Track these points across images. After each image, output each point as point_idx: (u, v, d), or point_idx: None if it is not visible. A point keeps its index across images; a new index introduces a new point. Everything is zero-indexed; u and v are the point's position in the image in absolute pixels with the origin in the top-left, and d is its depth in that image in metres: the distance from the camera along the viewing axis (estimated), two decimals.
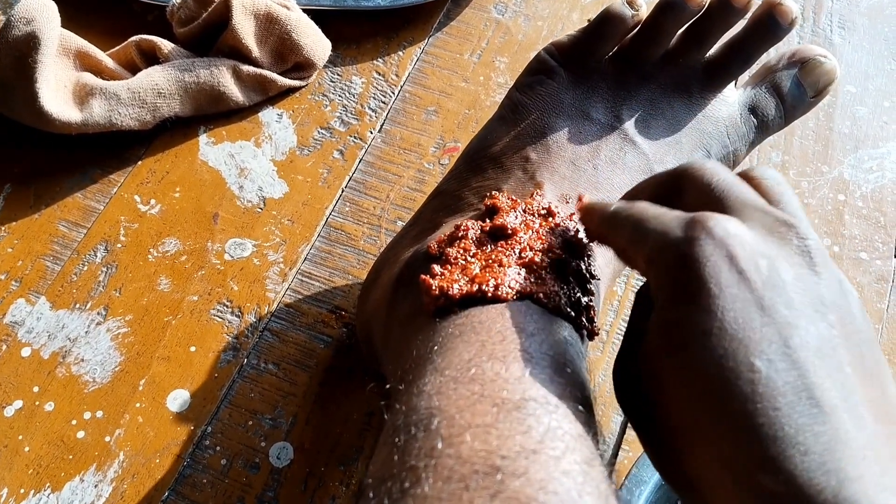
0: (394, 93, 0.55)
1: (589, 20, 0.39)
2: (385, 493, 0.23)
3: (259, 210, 0.49)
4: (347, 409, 0.43)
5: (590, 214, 0.30)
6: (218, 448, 0.42)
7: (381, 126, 0.53)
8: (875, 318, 0.45)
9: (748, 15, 0.37)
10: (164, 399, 0.43)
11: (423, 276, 0.33)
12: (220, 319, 0.46)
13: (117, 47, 0.52)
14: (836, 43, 0.57)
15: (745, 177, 0.28)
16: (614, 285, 0.47)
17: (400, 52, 0.56)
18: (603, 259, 0.35)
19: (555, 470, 0.22)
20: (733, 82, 0.39)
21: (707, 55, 0.38)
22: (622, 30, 0.37)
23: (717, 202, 0.26)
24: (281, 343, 0.45)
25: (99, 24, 0.56)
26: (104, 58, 0.51)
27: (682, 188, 0.28)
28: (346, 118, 0.53)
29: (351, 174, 0.51)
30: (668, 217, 0.25)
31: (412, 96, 0.55)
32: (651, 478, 0.35)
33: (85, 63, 0.51)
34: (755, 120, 0.38)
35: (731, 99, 0.39)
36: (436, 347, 0.29)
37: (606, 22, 0.37)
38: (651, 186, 0.29)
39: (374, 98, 0.54)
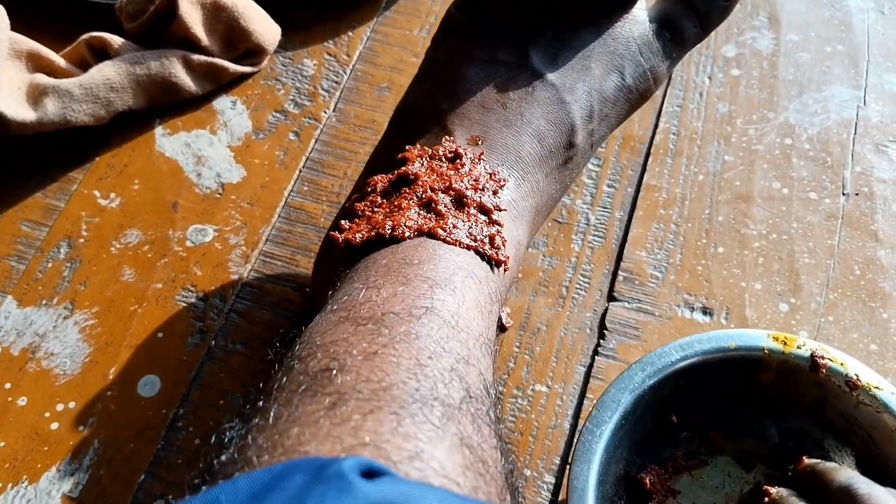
0: (346, 72, 0.55)
1: None
2: (248, 412, 0.25)
3: (218, 196, 0.50)
4: None
5: None
6: (191, 429, 0.43)
7: (335, 106, 0.54)
8: (826, 253, 0.46)
9: None
10: (134, 386, 0.44)
11: (331, 233, 0.34)
12: (185, 304, 0.46)
13: (69, 48, 0.53)
14: None
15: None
16: (571, 243, 0.47)
17: (350, 33, 0.57)
18: (518, 192, 0.36)
19: (386, 364, 0.24)
20: (642, 1, 0.39)
21: None
22: None
23: None
24: (247, 323, 0.46)
25: (49, 26, 0.57)
26: (56, 58, 0.51)
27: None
28: (300, 100, 0.54)
29: (307, 154, 0.52)
30: None
31: (364, 74, 0.55)
32: (612, 418, 0.36)
33: (37, 64, 0.51)
34: (668, 34, 0.39)
35: (641, 17, 0.39)
36: (331, 293, 0.31)
37: None
38: None
39: (327, 79, 0.55)
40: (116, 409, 0.43)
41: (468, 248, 0.33)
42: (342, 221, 0.35)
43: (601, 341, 0.44)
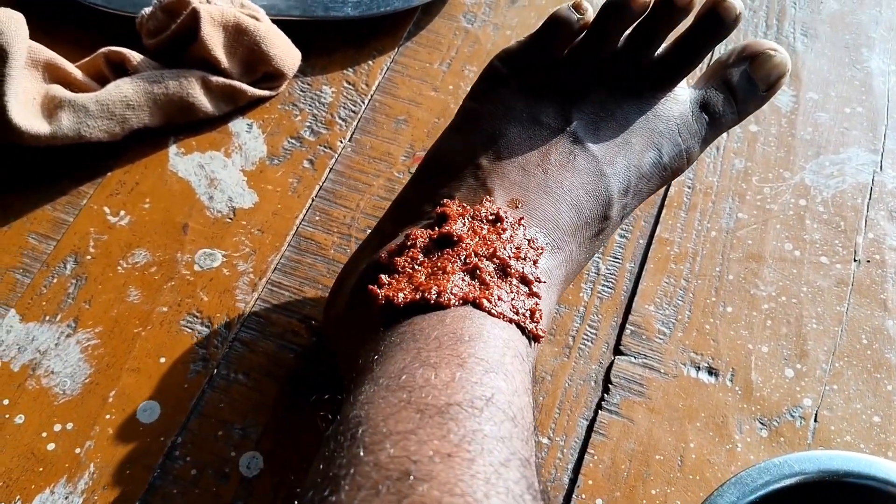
0: (364, 102, 0.55)
1: None
2: (307, 503, 0.23)
3: (229, 220, 0.50)
4: (317, 417, 0.44)
5: None
6: (188, 458, 0.42)
7: (352, 135, 0.54)
8: (835, 321, 0.46)
9: (693, 13, 0.37)
10: (134, 410, 0.44)
11: (370, 287, 0.34)
12: (189, 330, 0.46)
13: (86, 59, 0.52)
14: (800, 50, 0.58)
15: None
16: (580, 291, 0.47)
17: (370, 62, 0.57)
18: (553, 261, 0.36)
19: (465, 472, 0.23)
20: (685, 80, 0.39)
21: (655, 54, 0.39)
22: (569, 34, 0.38)
23: None
24: (251, 353, 0.46)
25: (68, 36, 0.57)
26: (73, 69, 0.51)
27: None
28: (316, 128, 0.54)
29: (321, 183, 0.52)
30: None
31: (382, 105, 0.55)
32: None
33: (54, 75, 0.51)
34: (707, 117, 0.39)
35: (683, 97, 0.39)
36: (376, 357, 0.30)
37: (553, 27, 0.38)
38: None
39: (344, 107, 0.55)
40: (114, 434, 0.43)
41: (510, 321, 0.32)
42: (381, 276, 0.34)
43: (605, 395, 0.44)
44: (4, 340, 0.45)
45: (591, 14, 0.37)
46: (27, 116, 0.48)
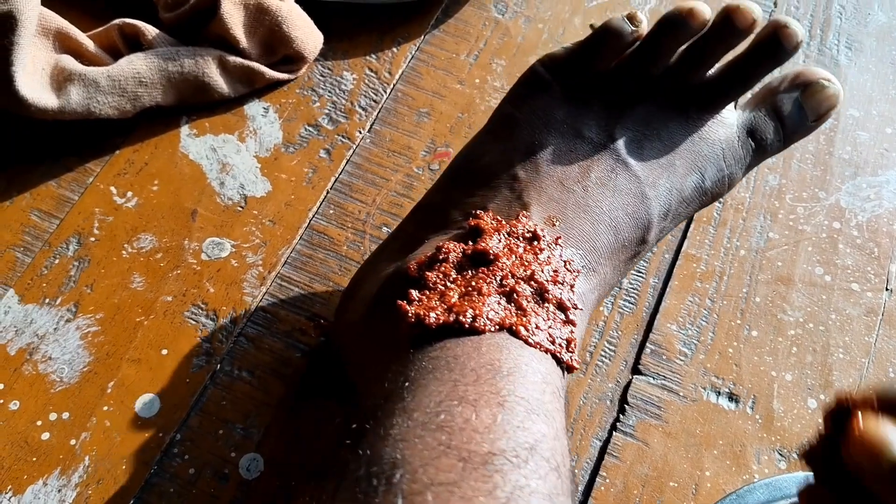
0: (386, 91, 0.53)
1: (592, 26, 0.37)
2: None
3: (240, 209, 0.48)
4: (322, 423, 0.42)
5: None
6: (186, 456, 0.41)
7: (371, 126, 0.52)
8: (862, 351, 0.45)
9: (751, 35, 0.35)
10: (132, 403, 0.42)
11: (399, 302, 0.32)
12: (194, 322, 0.44)
13: (99, 29, 0.50)
14: (843, 64, 0.55)
15: None
16: (601, 306, 0.45)
17: (394, 49, 0.55)
18: (587, 285, 0.34)
19: None
20: (732, 103, 0.38)
21: (706, 75, 0.37)
22: (621, 45, 0.36)
23: None
24: (256, 350, 0.44)
25: (81, 4, 0.54)
26: (85, 40, 0.49)
27: None
28: (335, 116, 0.52)
29: (337, 175, 0.50)
30: None
31: (404, 96, 0.53)
32: None
33: (65, 45, 0.49)
34: (753, 143, 0.37)
35: (730, 120, 0.37)
36: (407, 383, 0.28)
37: (605, 37, 0.36)
38: None
39: (365, 96, 0.53)
40: (112, 426, 0.41)
41: (546, 351, 0.30)
42: (411, 291, 0.32)
43: (621, 416, 0.43)
44: (2, 321, 0.44)
45: (645, 27, 0.35)
46: (35, 88, 0.46)
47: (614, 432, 0.42)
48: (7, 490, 0.40)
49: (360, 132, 0.51)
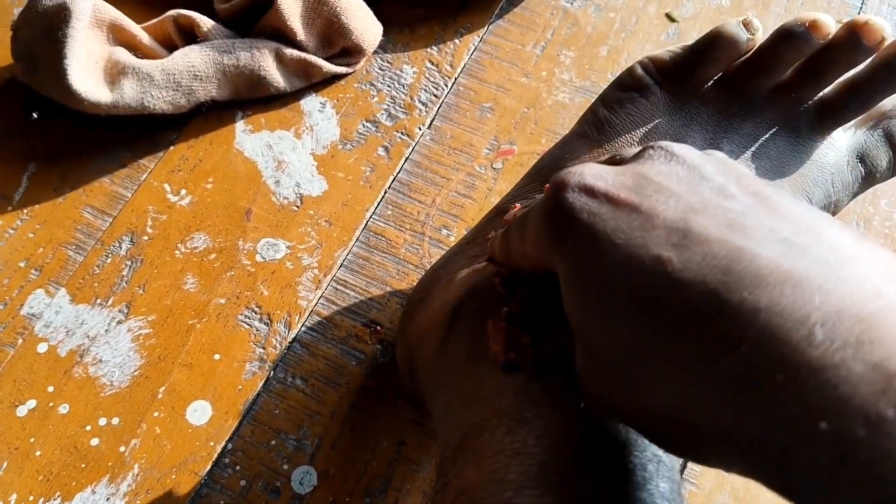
0: (447, 85, 0.50)
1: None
2: None
3: (295, 208, 0.46)
4: (377, 435, 0.40)
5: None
6: (238, 468, 0.39)
7: (431, 122, 0.49)
8: None
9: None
10: (183, 410, 0.41)
11: (492, 322, 0.29)
12: (247, 326, 0.43)
13: (153, 20, 0.49)
14: None
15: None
16: None
17: (456, 40, 0.52)
18: None
19: None
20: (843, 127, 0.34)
21: (822, 94, 0.33)
22: (733, 54, 0.33)
23: None
24: (310, 357, 0.42)
25: None
26: (139, 32, 0.47)
27: None
28: (394, 111, 0.49)
29: (395, 174, 0.47)
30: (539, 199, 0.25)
31: (466, 90, 0.50)
32: None
33: (118, 37, 0.47)
34: (863, 169, 0.34)
35: (840, 143, 0.34)
36: (509, 416, 0.26)
37: (717, 43, 0.32)
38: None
39: (426, 90, 0.50)
40: (162, 434, 0.40)
41: None
42: (505, 310, 0.29)
43: None
44: (53, 322, 0.43)
45: (760, 35, 0.32)
46: (88, 82, 0.44)
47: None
48: (55, 496, 0.38)
49: (420, 128, 0.49)
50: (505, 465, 0.23)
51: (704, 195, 0.21)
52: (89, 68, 0.45)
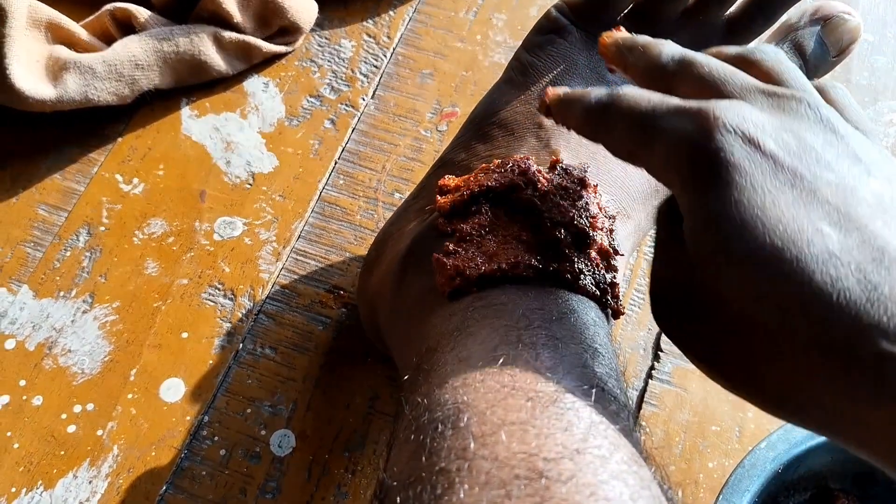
0: (386, 56, 0.52)
1: None
2: (415, 499, 0.21)
3: (248, 186, 0.47)
4: (350, 393, 0.41)
5: (568, 107, 0.27)
6: (216, 438, 0.40)
7: (374, 92, 0.50)
8: None
9: None
10: (157, 389, 0.41)
11: (436, 255, 0.30)
12: (212, 303, 0.44)
13: (91, 17, 0.49)
14: None
15: (744, 61, 0.26)
16: None
17: (391, 13, 0.53)
18: (624, 231, 0.33)
19: (603, 472, 0.20)
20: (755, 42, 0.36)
21: (728, 12, 0.35)
22: None
23: (718, 92, 0.24)
24: (277, 326, 0.43)
25: None
26: (77, 29, 0.48)
27: (674, 85, 0.25)
28: (337, 85, 0.51)
29: (344, 145, 0.49)
30: (674, 110, 0.23)
31: (405, 59, 0.52)
32: (750, 487, 0.34)
33: (57, 35, 0.48)
34: None
35: None
36: (455, 333, 0.27)
37: None
38: (636, 74, 0.27)
39: (366, 62, 0.51)
40: (138, 414, 0.41)
41: (592, 296, 0.29)
42: (448, 244, 0.31)
43: (656, 363, 0.41)
44: (18, 318, 0.43)
45: None
46: (31, 80, 0.45)
47: (650, 380, 0.41)
48: (38, 485, 0.39)
49: (364, 99, 0.50)
50: (450, 373, 0.25)
51: (854, 173, 0.21)
52: (31, 67, 0.45)
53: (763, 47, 0.26)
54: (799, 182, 0.21)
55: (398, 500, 0.21)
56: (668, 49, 0.26)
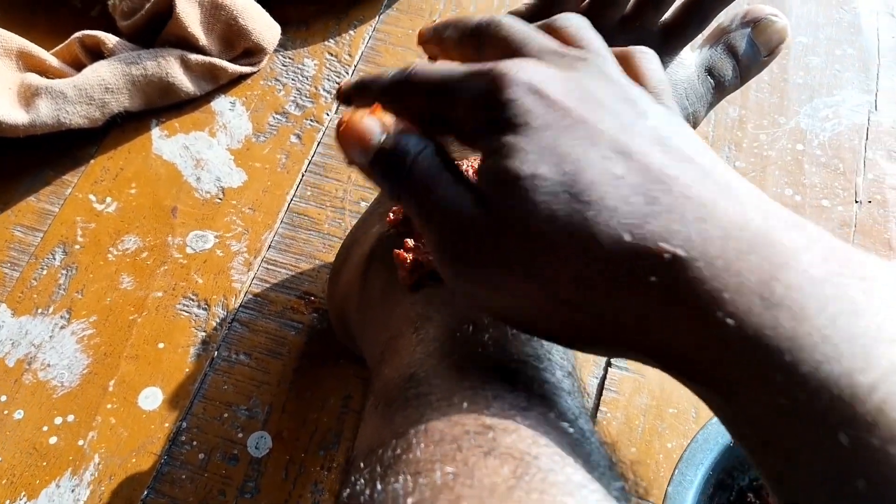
0: (348, 73, 0.54)
1: None
2: (376, 462, 0.22)
3: (218, 200, 0.49)
4: (323, 394, 0.43)
5: (365, 91, 0.28)
6: (195, 443, 0.41)
7: (338, 107, 0.53)
8: None
9: None
10: (135, 398, 0.43)
11: (396, 251, 0.33)
12: (186, 314, 0.45)
13: (61, 45, 0.51)
14: None
15: (548, 28, 0.28)
16: None
17: (351, 32, 0.56)
18: None
19: (545, 424, 0.22)
20: (689, 45, 0.39)
21: (663, 18, 0.38)
22: None
23: (519, 53, 0.25)
24: (251, 333, 0.45)
25: (40, 23, 0.55)
26: (48, 57, 0.50)
27: (481, 45, 0.27)
28: (301, 101, 0.53)
29: (310, 158, 0.50)
30: (469, 73, 0.24)
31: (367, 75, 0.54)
32: (704, 461, 0.36)
33: (28, 63, 0.49)
34: (712, 81, 0.38)
35: (689, 61, 0.39)
36: (416, 319, 0.29)
37: None
38: (451, 47, 0.29)
39: (328, 80, 0.54)
40: (117, 423, 0.42)
41: None
42: (407, 240, 0.33)
43: None
44: None
45: None
46: (4, 106, 0.46)
47: (609, 368, 0.43)
48: (21, 496, 0.40)
49: (328, 114, 0.52)
50: (411, 353, 0.27)
51: (631, 114, 0.23)
52: (3, 95, 0.47)
53: (569, 15, 0.28)
54: (583, 124, 0.22)
55: (361, 465, 0.23)
56: (478, 17, 0.28)
